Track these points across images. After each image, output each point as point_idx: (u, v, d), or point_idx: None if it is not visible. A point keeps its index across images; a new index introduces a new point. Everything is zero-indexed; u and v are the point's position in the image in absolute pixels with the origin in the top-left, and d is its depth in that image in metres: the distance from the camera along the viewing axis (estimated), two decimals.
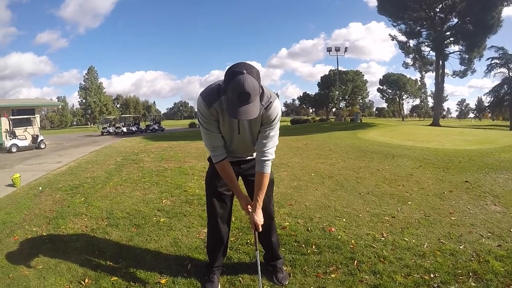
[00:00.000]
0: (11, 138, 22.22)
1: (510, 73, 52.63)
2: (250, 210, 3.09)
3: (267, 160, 3.00)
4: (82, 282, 3.52)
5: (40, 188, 7.45)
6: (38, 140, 23.37)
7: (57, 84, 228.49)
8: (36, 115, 27.42)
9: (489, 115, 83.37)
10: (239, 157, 3.29)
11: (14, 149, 21.40)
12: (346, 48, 56.30)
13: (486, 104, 63.37)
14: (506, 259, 3.98)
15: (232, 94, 2.45)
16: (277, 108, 2.89)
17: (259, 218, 3.00)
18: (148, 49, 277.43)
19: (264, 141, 2.96)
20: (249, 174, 3.28)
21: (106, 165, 10.61)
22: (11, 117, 24.95)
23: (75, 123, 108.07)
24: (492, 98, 56.25)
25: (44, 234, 4.83)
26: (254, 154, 3.21)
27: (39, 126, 27.30)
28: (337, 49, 53.74)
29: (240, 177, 3.42)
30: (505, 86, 53.41)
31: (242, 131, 2.96)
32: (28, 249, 4.32)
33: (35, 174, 9.88)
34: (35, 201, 6.43)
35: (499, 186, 7.71)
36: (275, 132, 3.00)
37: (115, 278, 3.60)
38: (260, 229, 3.04)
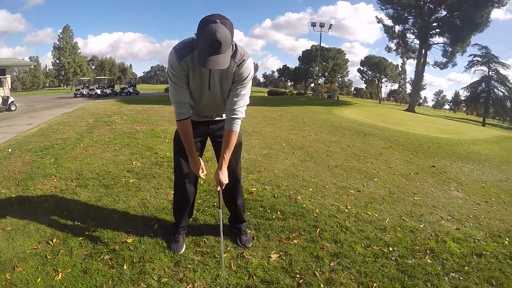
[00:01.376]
0: None
1: (490, 73, 53.71)
2: (202, 174, 3.09)
3: (237, 118, 2.94)
4: (50, 242, 3.46)
5: (10, 150, 7.21)
6: (9, 102, 22.23)
7: (31, 44, 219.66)
8: (6, 76, 26.19)
9: (464, 109, 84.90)
10: (208, 117, 3.24)
11: None
12: (330, 25, 55.92)
13: (463, 98, 65.04)
14: (463, 242, 4.11)
15: (203, 43, 2.40)
16: (250, 66, 2.83)
17: (224, 177, 2.96)
18: (128, 9, 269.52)
19: (235, 99, 2.91)
20: (218, 135, 3.22)
21: (78, 126, 10.29)
22: None
23: (47, 84, 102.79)
24: (469, 93, 57.79)
25: (13, 195, 4.68)
26: (223, 115, 3.18)
27: (10, 87, 26.21)
28: (322, 25, 53.37)
29: (208, 138, 3.40)
30: (483, 83, 54.79)
31: (213, 87, 2.88)
32: None
33: (4, 136, 9.51)
34: (4, 163, 6.22)
35: (464, 174, 7.91)
36: (246, 91, 2.94)
37: (82, 238, 3.55)
38: (223, 187, 2.99)
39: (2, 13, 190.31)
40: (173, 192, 3.72)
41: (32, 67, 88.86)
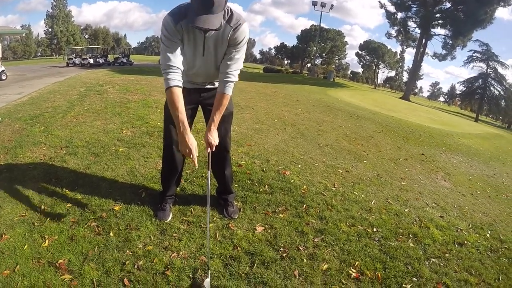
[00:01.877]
0: None
1: (488, 70, 53.73)
2: (195, 158, 2.92)
3: (230, 81, 2.90)
4: (38, 209, 3.44)
5: None
6: None
7: (23, 11, 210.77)
8: None
9: (458, 103, 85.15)
10: (200, 85, 3.19)
11: None
12: (332, 5, 55.74)
13: (458, 92, 65.10)
14: (446, 229, 4.16)
15: (196, 2, 2.42)
16: (245, 31, 2.80)
17: (213, 138, 2.92)
18: None
19: (229, 63, 2.87)
20: (209, 103, 3.15)
21: (69, 95, 10.10)
22: None
23: (39, 54, 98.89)
24: (465, 88, 57.98)
25: (2, 163, 4.61)
26: (215, 83, 3.14)
27: (1, 57, 25.58)
28: (323, 5, 52.98)
29: (200, 106, 3.36)
30: (480, 80, 54.86)
31: (207, 52, 2.85)
32: None
33: None
34: None
35: (452, 165, 7.98)
36: (240, 55, 2.91)
37: (70, 204, 3.54)
38: (214, 149, 2.95)
39: None
40: (161, 161, 3.70)
41: (24, 35, 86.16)
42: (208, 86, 3.22)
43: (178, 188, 3.86)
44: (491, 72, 54.42)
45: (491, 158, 10.42)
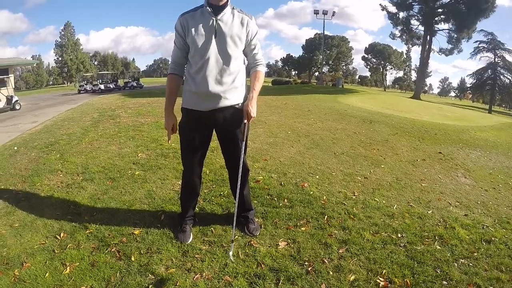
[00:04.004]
0: None
1: (496, 59, 53.15)
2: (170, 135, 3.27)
3: (261, 63, 3.25)
4: (58, 237, 3.47)
5: (15, 148, 7.20)
6: (13, 101, 22.05)
7: (33, 42, 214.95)
8: (10, 75, 25.90)
9: (470, 96, 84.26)
10: (213, 101, 3.06)
11: None
12: (334, 12, 55.63)
13: (468, 85, 64.37)
14: (472, 228, 4.08)
15: None
16: (255, 23, 3.18)
17: (253, 109, 3.02)
18: (131, 3, 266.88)
19: (253, 53, 3.23)
20: (224, 126, 3.20)
21: (82, 121, 10.27)
22: None
23: (51, 82, 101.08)
24: (475, 80, 57.21)
25: (20, 192, 4.68)
26: (228, 97, 3.09)
27: (14, 87, 26.06)
28: (325, 13, 53.04)
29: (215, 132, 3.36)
30: (489, 70, 54.17)
31: (219, 34, 2.99)
32: (4, 209, 4.17)
33: (10, 135, 9.48)
34: (10, 161, 6.22)
35: (471, 161, 7.85)
36: (259, 45, 3.28)
37: (90, 231, 3.55)
38: (250, 118, 3.06)
39: (3, 14, 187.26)
40: (179, 182, 3.74)
41: (35, 65, 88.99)
42: (222, 105, 3.10)
43: (197, 208, 3.87)
44: (499, 61, 53.72)
45: (509, 149, 10.21)
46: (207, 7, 2.96)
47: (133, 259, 3.09)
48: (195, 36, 2.95)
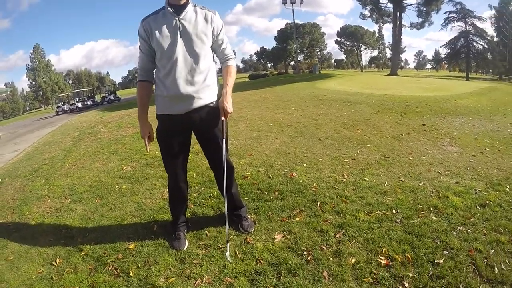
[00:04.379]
0: None
1: (467, 27, 53.73)
2: (148, 144, 3.29)
3: (230, 57, 3.21)
4: (54, 263, 3.40)
5: (0, 180, 7.13)
6: None
7: (4, 69, 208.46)
8: None
9: (446, 67, 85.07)
10: (187, 102, 3.00)
11: None
12: (301, 0, 55.58)
13: (443, 56, 65.01)
14: (465, 194, 4.10)
15: None
16: (219, 18, 3.14)
17: (229, 105, 2.96)
18: (97, 17, 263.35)
19: (222, 48, 3.18)
20: (201, 125, 3.12)
21: (64, 143, 10.16)
22: None
23: (28, 108, 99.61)
24: (449, 50, 57.79)
25: (10, 224, 4.61)
26: (202, 96, 3.03)
27: None
28: (293, 1, 52.92)
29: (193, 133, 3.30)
30: (462, 39, 54.72)
31: (184, 33, 2.94)
32: None
33: None
34: None
35: (455, 129, 7.91)
36: (226, 39, 3.22)
37: (85, 252, 3.49)
38: (227, 115, 3.03)
39: None
40: (167, 190, 3.67)
41: (8, 92, 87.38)
42: (196, 106, 3.03)
43: (188, 213, 3.83)
44: (470, 29, 54.34)
45: (491, 113, 10.34)
46: (169, 8, 2.89)
47: (131, 274, 3.03)
48: (159, 38, 2.89)
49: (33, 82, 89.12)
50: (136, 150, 7.16)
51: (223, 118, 2.98)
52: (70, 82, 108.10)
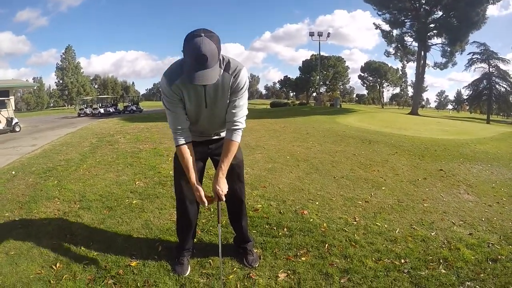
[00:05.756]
0: None
1: (490, 69, 53.67)
2: (205, 203, 2.93)
3: (238, 128, 2.90)
4: (54, 267, 3.41)
5: (13, 172, 7.22)
6: (13, 123, 22.51)
7: (35, 65, 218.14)
8: (10, 97, 26.37)
9: (467, 108, 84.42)
10: (207, 136, 3.17)
11: None
12: (328, 33, 56.73)
13: (465, 97, 64.88)
14: (477, 247, 3.98)
15: (189, 58, 2.40)
16: (245, 76, 2.79)
17: (222, 188, 2.86)
18: (131, 28, 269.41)
19: (234, 111, 2.85)
20: (217, 153, 3.11)
21: (81, 147, 10.38)
22: None
23: (51, 104, 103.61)
24: (471, 92, 57.81)
25: (17, 219, 4.68)
26: (222, 134, 3.13)
27: (14, 109, 26.39)
28: (320, 34, 53.93)
29: (209, 158, 3.32)
30: (484, 81, 54.74)
31: (210, 104, 2.82)
32: (0, 235, 4.16)
33: (8, 158, 9.55)
34: (7, 185, 6.23)
35: (473, 176, 7.77)
36: (244, 101, 2.89)
37: (86, 262, 3.49)
38: (223, 199, 2.91)
39: (7, 35, 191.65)
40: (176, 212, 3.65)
41: (35, 88, 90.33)
42: (215, 137, 3.19)
43: (194, 239, 3.77)
44: (493, 71, 54.44)
45: (511, 160, 10.14)
46: None
47: None
48: (186, 103, 2.82)
49: (61, 81, 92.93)
50: (151, 166, 7.23)
51: (217, 200, 2.93)
52: (96, 86, 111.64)
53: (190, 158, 2.89)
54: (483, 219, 5.06)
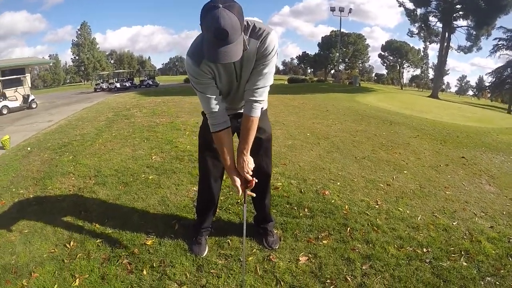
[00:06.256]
0: (1, 100, 21.79)
1: None
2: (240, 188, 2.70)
3: (256, 101, 2.58)
4: (68, 245, 3.42)
5: (29, 149, 7.27)
6: (29, 100, 23.09)
7: (51, 42, 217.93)
8: (26, 75, 27.00)
9: (488, 95, 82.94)
10: (235, 109, 2.94)
11: (5, 111, 21.25)
12: (350, 9, 55.56)
13: (487, 84, 63.33)
14: (498, 241, 3.88)
15: (208, 33, 2.07)
16: (274, 40, 2.46)
17: (246, 168, 2.68)
18: (147, 3, 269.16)
19: (256, 78, 2.54)
20: None
21: (97, 121, 10.42)
22: (1, 78, 24.78)
23: (68, 81, 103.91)
24: (494, 79, 56.10)
25: (31, 196, 4.70)
26: None
27: (30, 86, 26.88)
28: (341, 10, 52.96)
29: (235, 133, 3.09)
30: (509, 69, 53.05)
31: (240, 76, 2.58)
32: (15, 213, 4.20)
33: (25, 134, 9.68)
34: (23, 162, 6.29)
35: (495, 166, 7.61)
36: (269, 70, 2.55)
37: (101, 240, 3.49)
38: (250, 178, 2.70)
39: (22, 14, 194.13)
40: (195, 188, 3.61)
41: (51, 64, 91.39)
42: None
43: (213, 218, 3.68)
44: None
45: None
46: None
47: (145, 273, 3.00)
48: (218, 84, 2.58)
49: (77, 57, 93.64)
50: (168, 141, 7.21)
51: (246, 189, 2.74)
52: (112, 61, 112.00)
53: (228, 144, 2.66)
54: (504, 213, 4.92)
